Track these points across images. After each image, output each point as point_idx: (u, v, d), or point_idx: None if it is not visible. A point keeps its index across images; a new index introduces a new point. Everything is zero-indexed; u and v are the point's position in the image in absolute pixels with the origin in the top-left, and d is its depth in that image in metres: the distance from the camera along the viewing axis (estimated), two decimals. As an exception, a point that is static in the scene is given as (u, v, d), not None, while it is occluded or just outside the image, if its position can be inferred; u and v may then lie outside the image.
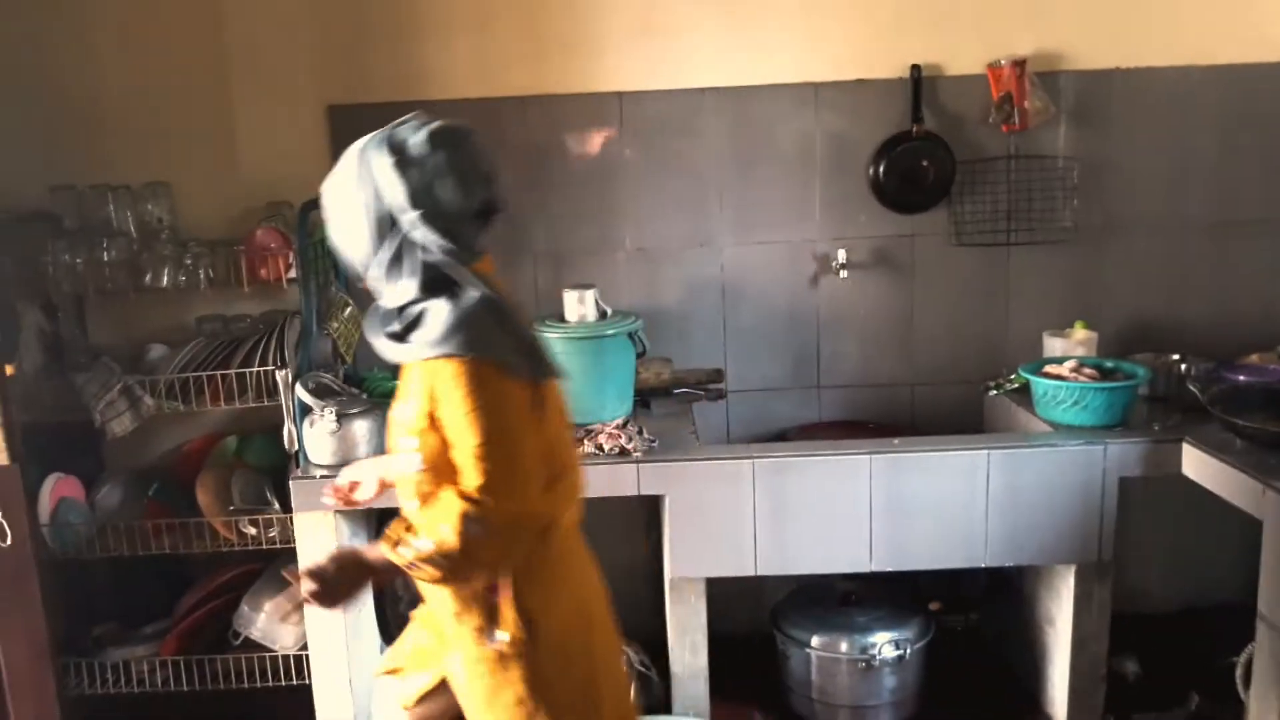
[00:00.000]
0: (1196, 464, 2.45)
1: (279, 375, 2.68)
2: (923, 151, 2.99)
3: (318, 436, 2.60)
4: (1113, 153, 3.03)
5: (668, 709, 2.73)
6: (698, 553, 2.60)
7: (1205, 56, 2.99)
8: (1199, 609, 3.08)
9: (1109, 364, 2.72)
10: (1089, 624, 2.64)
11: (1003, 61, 2.91)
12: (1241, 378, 2.64)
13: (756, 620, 3.00)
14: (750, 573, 2.60)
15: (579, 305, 2.81)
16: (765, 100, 3.01)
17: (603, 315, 2.83)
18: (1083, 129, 3.02)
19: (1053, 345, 2.89)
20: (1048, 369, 2.72)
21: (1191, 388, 2.58)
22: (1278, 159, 3.03)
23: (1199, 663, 2.79)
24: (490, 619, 1.70)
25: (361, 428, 2.61)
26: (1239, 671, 2.41)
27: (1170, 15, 2.98)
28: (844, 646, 2.73)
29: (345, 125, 2.95)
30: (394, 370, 2.96)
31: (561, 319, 2.82)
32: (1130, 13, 2.97)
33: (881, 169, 3.00)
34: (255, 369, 2.72)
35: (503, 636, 1.69)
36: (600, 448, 2.59)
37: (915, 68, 2.96)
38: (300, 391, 2.64)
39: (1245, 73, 2.99)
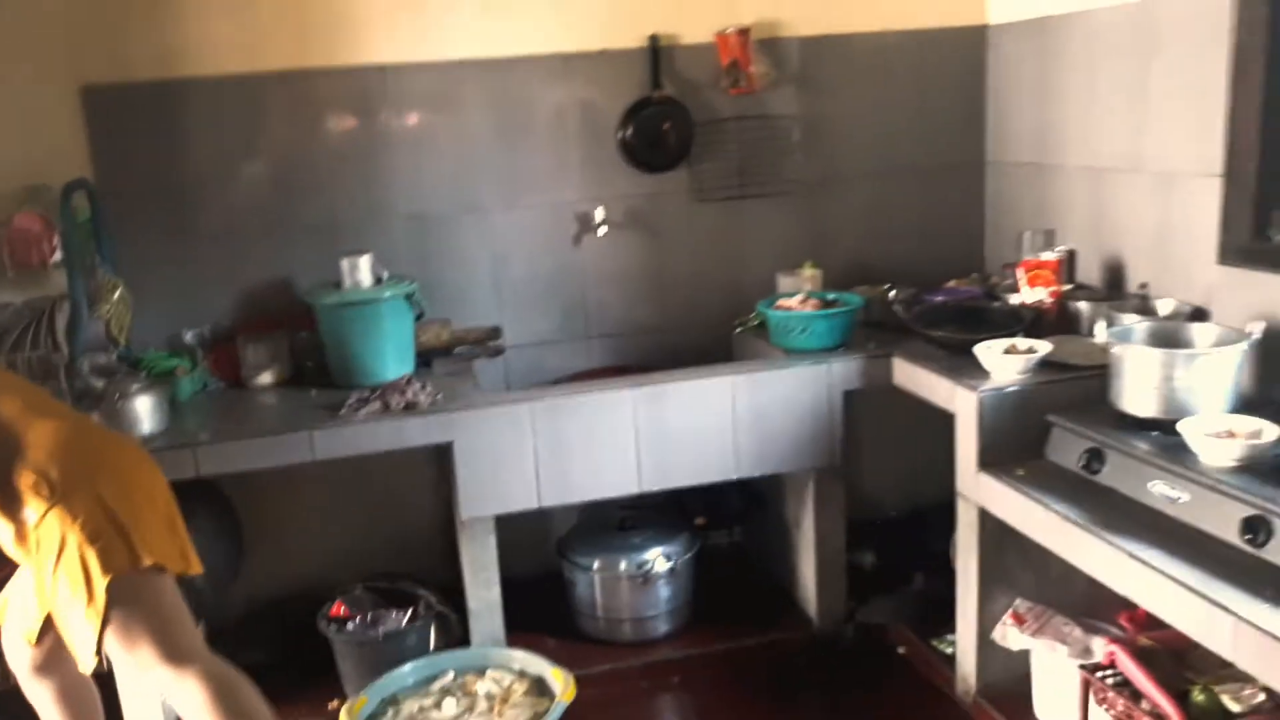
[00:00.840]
0: (903, 373, 2.88)
1: (55, 359, 2.69)
2: (664, 115, 3.28)
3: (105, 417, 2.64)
4: (829, 111, 3.43)
5: (467, 644, 2.95)
6: (486, 493, 2.81)
7: (903, 22, 3.43)
8: (924, 508, 3.53)
9: (831, 296, 3.12)
10: (829, 522, 3.05)
11: (729, 30, 3.25)
12: (939, 299, 3.10)
13: (548, 559, 3.25)
14: (534, 505, 2.84)
15: (353, 272, 2.95)
16: (520, 71, 3.22)
17: (378, 281, 2.99)
18: (803, 90, 3.40)
19: (785, 284, 3.28)
20: (780, 303, 3.09)
21: (896, 309, 3.01)
22: (966, 111, 3.52)
23: (924, 551, 3.25)
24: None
25: (144, 404, 2.66)
26: (952, 550, 2.87)
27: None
28: (622, 565, 3.03)
29: (103, 105, 2.96)
30: (171, 348, 3.06)
31: (339, 286, 2.96)
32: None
33: (629, 133, 3.29)
34: (27, 354, 2.72)
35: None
36: (387, 405, 2.76)
37: (653, 38, 3.25)
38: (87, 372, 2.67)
39: (936, 35, 3.45)
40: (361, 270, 2.95)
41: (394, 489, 3.34)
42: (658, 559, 3.04)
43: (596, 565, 3.05)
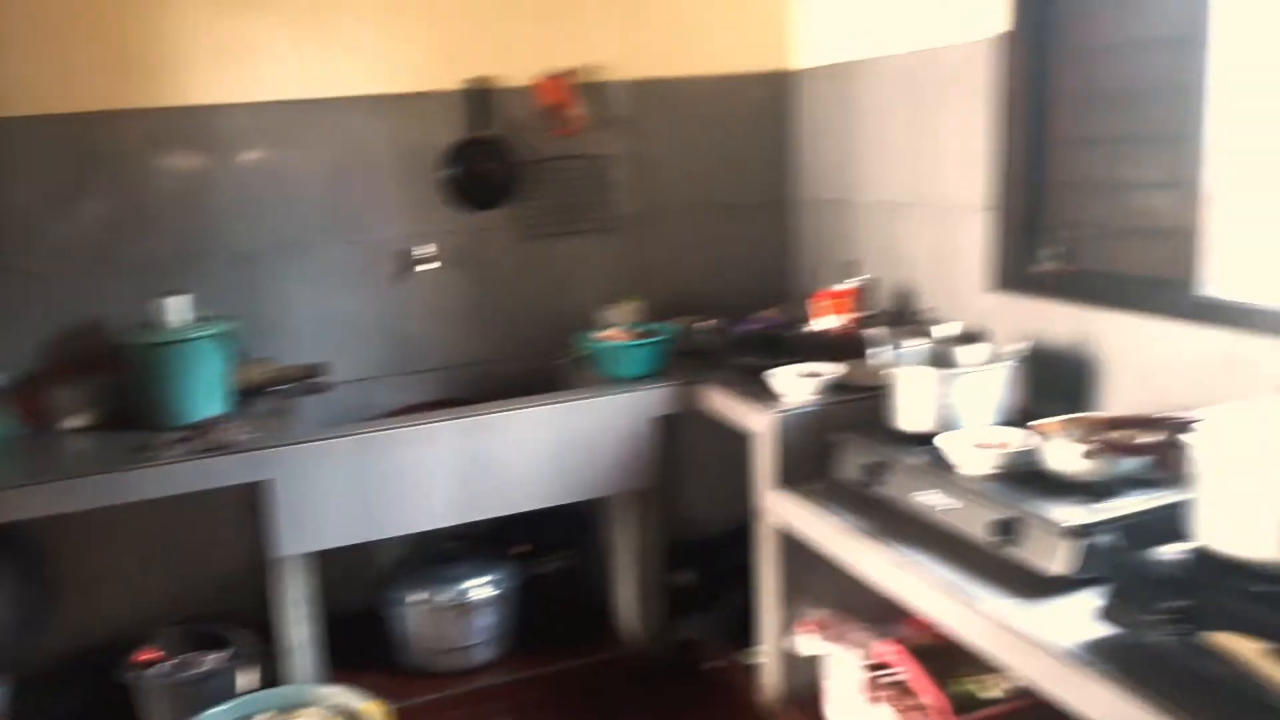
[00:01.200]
0: (711, 399, 3.02)
1: None
2: (488, 155, 3.38)
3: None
4: (649, 151, 3.58)
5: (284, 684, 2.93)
6: (302, 529, 2.81)
7: (716, 67, 3.63)
8: (744, 527, 3.68)
9: (649, 326, 3.26)
10: (647, 543, 3.17)
11: (551, 74, 3.38)
12: (746, 328, 3.27)
13: (375, 594, 3.26)
14: (353, 541, 2.86)
15: (166, 312, 2.93)
16: (343, 112, 3.27)
17: (193, 321, 2.98)
18: (623, 132, 3.54)
19: (607, 316, 3.40)
20: (601, 335, 3.21)
21: (702, 339, 3.17)
22: (774, 151, 3.73)
23: (742, 567, 3.38)
24: None
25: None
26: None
27: (683, 35, 3.57)
28: (441, 596, 3.08)
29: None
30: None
31: (158, 326, 2.93)
32: (654, 33, 3.53)
33: (454, 172, 3.37)
34: None
35: None
36: (199, 445, 2.75)
37: (476, 80, 3.35)
38: None
39: (746, 80, 3.66)
40: (174, 310, 2.94)
41: (209, 530, 3.30)
42: (477, 589, 3.10)
43: (416, 598, 3.08)
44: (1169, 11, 2.23)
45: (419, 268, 3.39)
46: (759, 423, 2.73)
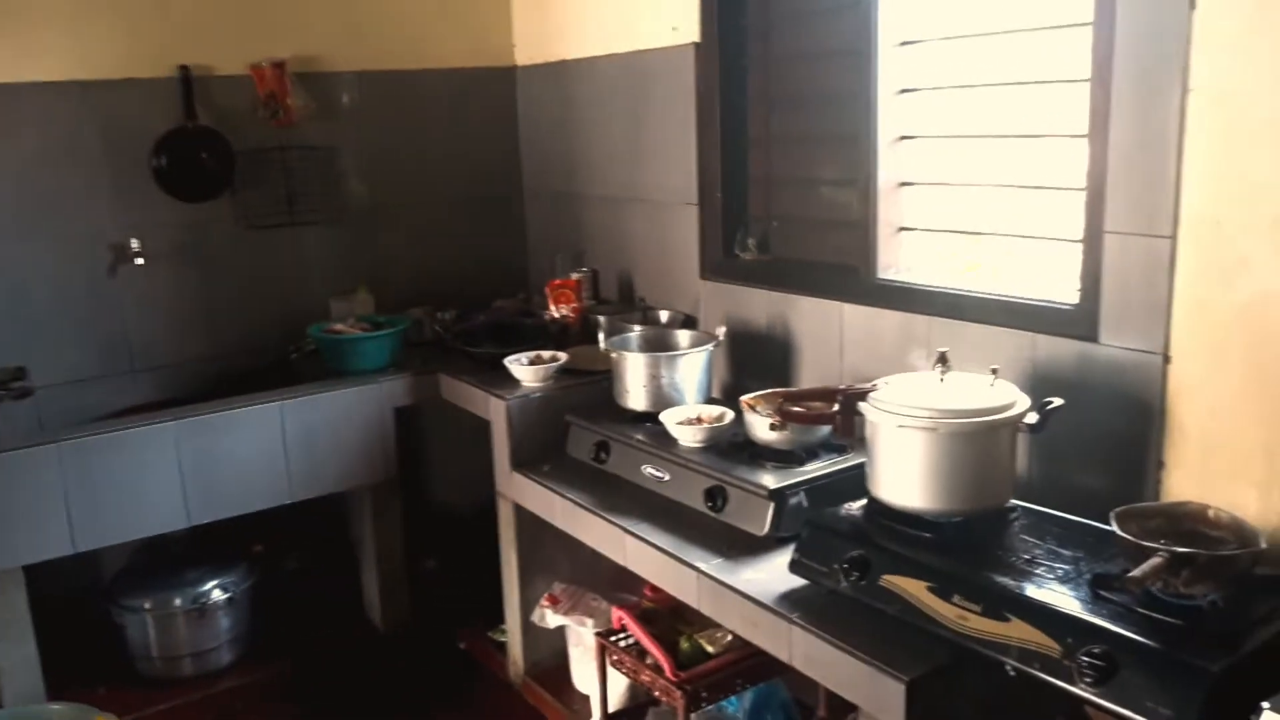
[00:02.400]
0: (449, 388, 3.09)
1: None
2: (201, 145, 3.26)
3: None
4: (376, 142, 3.57)
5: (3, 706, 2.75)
6: (11, 544, 2.65)
7: (441, 61, 3.67)
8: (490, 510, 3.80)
9: (382, 319, 3.27)
10: (387, 533, 3.20)
11: (264, 63, 3.29)
12: (480, 318, 3.35)
13: (99, 605, 3.10)
14: (69, 551, 2.71)
15: None
16: (36, 98, 3.05)
17: None
18: (348, 123, 3.52)
19: (339, 308, 3.38)
20: (332, 328, 3.19)
21: (438, 329, 3.23)
22: (503, 144, 3.82)
23: (494, 549, 3.48)
24: None
25: None
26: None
27: (409, 28, 3.58)
28: (177, 601, 2.98)
29: None
30: None
31: None
32: (377, 26, 3.52)
33: (164, 162, 3.22)
34: None
35: None
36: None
37: (184, 67, 3.22)
38: None
39: (472, 74, 3.72)
40: None
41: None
42: (214, 590, 3.02)
43: (148, 605, 2.97)
44: (843, 27, 2.49)
45: (132, 262, 3.22)
46: (494, 409, 2.82)
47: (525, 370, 2.84)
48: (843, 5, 2.49)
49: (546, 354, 2.92)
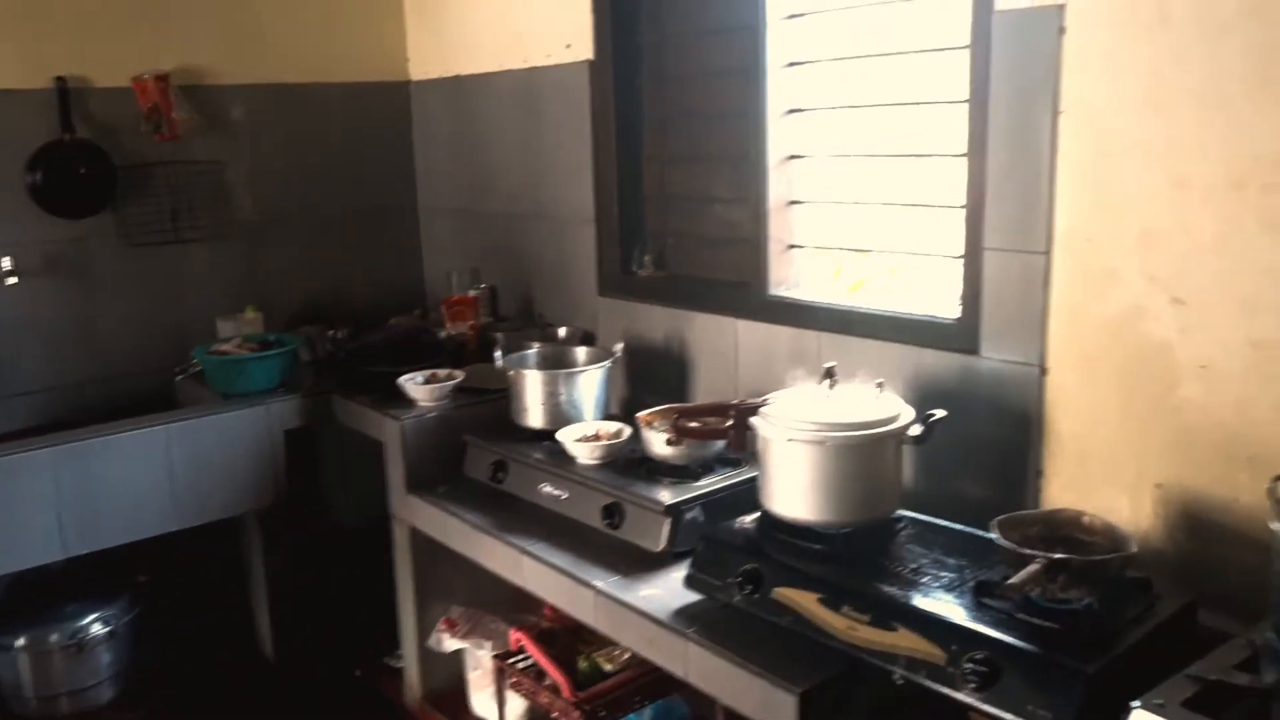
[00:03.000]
0: (342, 409, 3.02)
1: None
2: (79, 159, 3.14)
3: None
4: (266, 157, 3.49)
5: None
6: None
7: (332, 75, 3.60)
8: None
9: (271, 337, 3.19)
10: (279, 558, 3.11)
11: (146, 75, 3.19)
12: (375, 336, 3.28)
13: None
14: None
15: None
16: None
17: None
18: (235, 137, 3.43)
19: (225, 328, 3.28)
20: (218, 348, 3.09)
21: (330, 348, 3.16)
22: (398, 160, 3.77)
23: (384, 574, 3.41)
24: None
25: None
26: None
27: (297, 40, 3.51)
28: (54, 637, 2.85)
29: None
30: None
31: None
32: (262, 37, 3.44)
33: (39, 177, 3.09)
34: None
35: None
36: None
37: (60, 79, 3.10)
38: None
39: (365, 89, 3.66)
40: None
41: None
42: (94, 624, 2.89)
43: (22, 641, 2.83)
44: (733, 47, 2.53)
45: (5, 281, 3.08)
46: (388, 430, 2.77)
47: (420, 389, 2.80)
48: (732, 26, 2.52)
49: (442, 372, 2.88)
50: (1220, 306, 1.71)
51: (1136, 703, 1.38)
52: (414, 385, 2.81)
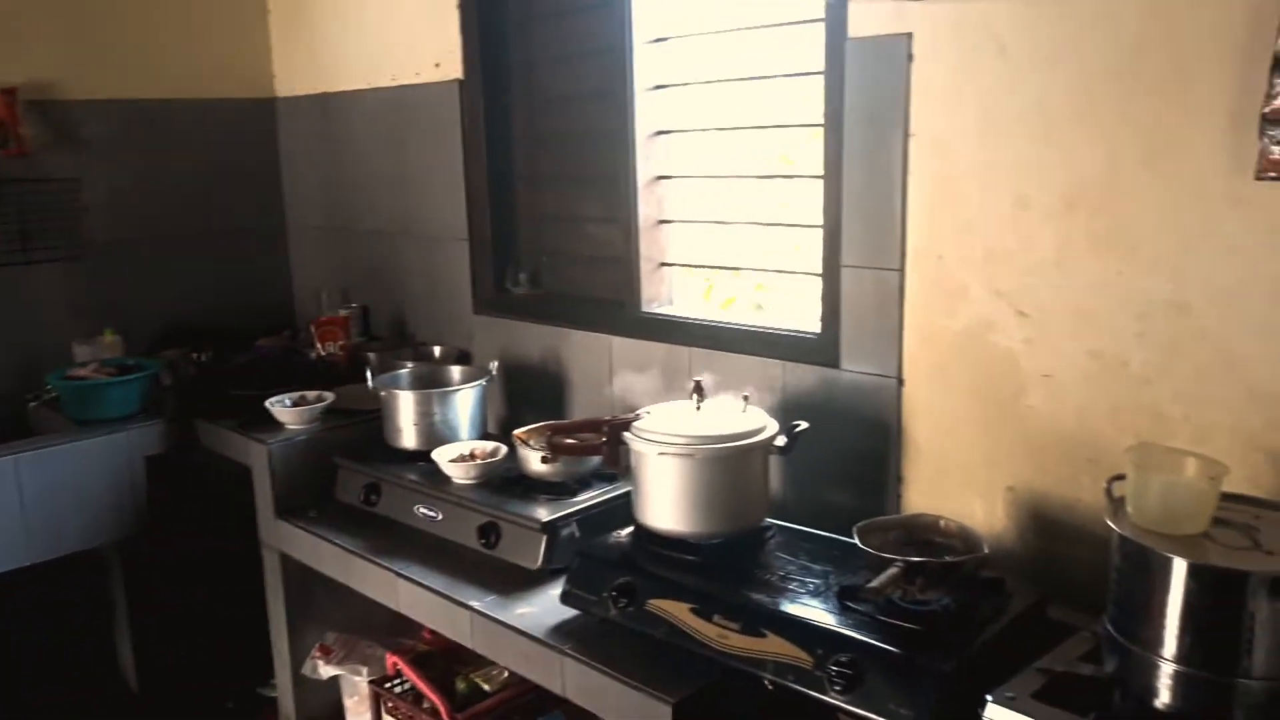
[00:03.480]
0: (208, 433, 2.93)
1: None
2: (-83, 177, 2.99)
3: None
4: (124, 175, 3.36)
5: None
6: None
7: (194, 91, 3.50)
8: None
9: (130, 362, 3.07)
10: (141, 589, 2.99)
11: (-8, 89, 3.05)
12: (243, 358, 3.20)
13: None
14: None
15: None
16: None
17: None
18: (90, 154, 3.29)
19: (81, 352, 3.15)
20: (73, 373, 2.97)
21: (194, 371, 3.06)
22: (264, 178, 3.69)
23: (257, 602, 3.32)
24: None
25: None
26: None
27: (157, 55, 3.40)
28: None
29: None
30: None
31: None
32: (119, 51, 3.33)
33: (-128, 195, 2.93)
34: None
35: None
36: None
37: (-105, 92, 2.95)
38: None
39: (229, 105, 3.57)
40: None
41: None
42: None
43: None
44: (601, 69, 2.56)
45: None
46: (255, 454, 2.70)
47: (288, 412, 2.74)
48: (599, 49, 2.56)
49: (312, 394, 2.83)
50: (1059, 319, 1.82)
51: (989, 695, 1.45)
52: (282, 408, 2.75)
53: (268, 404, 2.75)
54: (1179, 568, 1.35)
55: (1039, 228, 1.82)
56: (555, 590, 2.04)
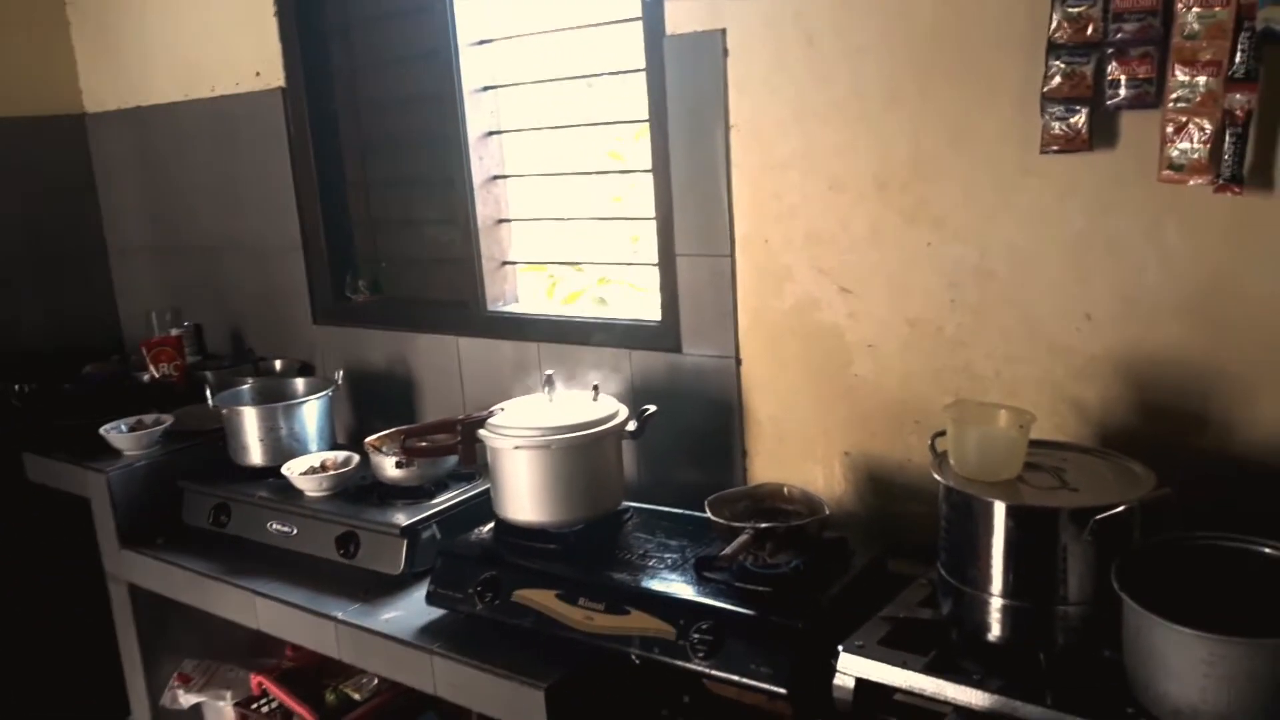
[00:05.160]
0: (36, 467, 2.80)
1: None
2: None
3: None
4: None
5: None
6: None
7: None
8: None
9: (-56, 399, 2.90)
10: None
11: None
12: (68, 387, 3.06)
13: None
14: None
15: None
16: None
17: None
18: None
19: (-114, 393, 2.95)
20: (-121, 417, 2.78)
21: (15, 404, 2.91)
22: (79, 198, 3.51)
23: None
24: None
25: None
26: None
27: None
28: None
29: None
30: None
31: None
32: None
33: None
34: None
35: None
36: None
37: None
38: None
39: (35, 123, 3.38)
40: None
41: None
42: None
43: None
44: (427, 73, 2.57)
45: None
46: (93, 484, 2.60)
47: (125, 438, 2.64)
48: (424, 52, 2.57)
49: (149, 418, 2.74)
50: (878, 292, 1.95)
51: (841, 645, 1.56)
52: (118, 434, 2.65)
53: (102, 431, 2.64)
54: (999, 510, 1.48)
55: (854, 208, 1.94)
56: (420, 593, 2.05)
